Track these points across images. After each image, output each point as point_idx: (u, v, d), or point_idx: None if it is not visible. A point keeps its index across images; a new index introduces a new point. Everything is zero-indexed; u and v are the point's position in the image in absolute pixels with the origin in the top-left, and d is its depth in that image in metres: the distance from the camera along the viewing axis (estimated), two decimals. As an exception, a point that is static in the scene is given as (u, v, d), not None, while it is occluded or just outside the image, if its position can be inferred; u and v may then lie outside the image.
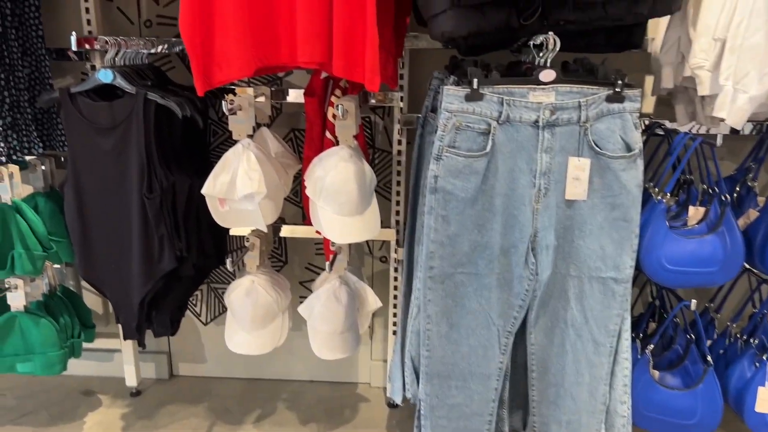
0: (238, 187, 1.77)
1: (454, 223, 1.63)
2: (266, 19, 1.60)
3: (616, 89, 1.59)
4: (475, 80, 1.55)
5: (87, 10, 2.08)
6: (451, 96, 1.57)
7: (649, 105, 2.26)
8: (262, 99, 2.05)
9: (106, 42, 1.75)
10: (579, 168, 1.62)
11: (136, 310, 1.93)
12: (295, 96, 2.12)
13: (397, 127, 2.18)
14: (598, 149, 1.60)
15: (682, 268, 1.76)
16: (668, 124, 2.04)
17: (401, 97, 2.15)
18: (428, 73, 2.10)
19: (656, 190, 1.83)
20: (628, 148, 1.61)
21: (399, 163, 2.22)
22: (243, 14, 1.57)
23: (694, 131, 2.07)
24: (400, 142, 2.20)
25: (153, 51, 2.03)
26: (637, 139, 1.61)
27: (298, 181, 2.30)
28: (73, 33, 1.65)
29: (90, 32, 2.10)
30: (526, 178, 1.62)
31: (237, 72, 1.59)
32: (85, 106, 1.80)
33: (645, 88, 2.23)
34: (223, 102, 1.74)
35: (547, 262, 1.66)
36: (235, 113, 1.81)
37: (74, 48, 1.66)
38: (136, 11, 2.23)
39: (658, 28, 1.92)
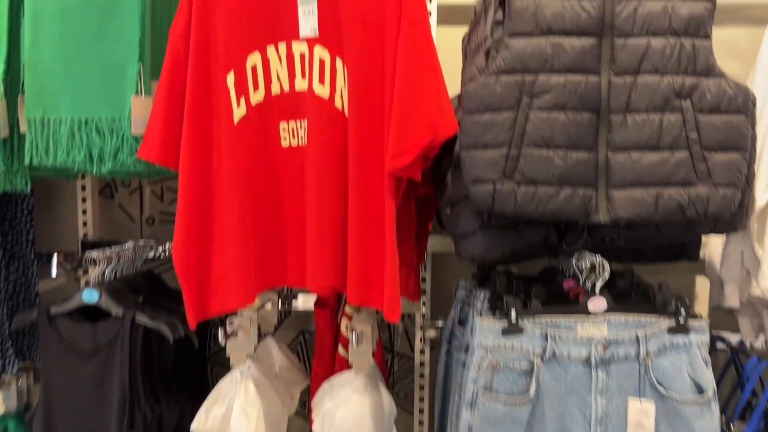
0: (233, 427, 1.50)
1: (495, 486, 1.33)
2: (272, 240, 1.43)
3: (679, 319, 1.35)
4: (513, 311, 1.33)
5: (84, 211, 1.95)
6: (486, 330, 1.34)
7: (701, 307, 2.01)
8: (268, 306, 1.84)
9: (94, 260, 1.58)
10: (641, 412, 1.35)
11: None
12: (306, 302, 1.92)
13: (419, 335, 1.94)
14: (664, 390, 1.33)
15: None
16: (730, 337, 1.78)
17: (423, 302, 1.93)
18: (452, 276, 1.89)
19: (732, 427, 1.54)
20: (699, 389, 1.34)
21: (422, 375, 1.95)
22: (246, 236, 1.40)
23: (761, 343, 1.81)
24: (423, 352, 1.95)
25: (151, 255, 1.87)
26: (709, 378, 1.35)
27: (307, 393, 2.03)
28: (55, 256, 1.48)
29: (86, 234, 1.96)
30: (580, 427, 1.34)
31: (236, 301, 1.39)
32: (66, 327, 1.60)
33: (697, 290, 2.01)
34: (219, 330, 1.52)
35: None
36: (235, 334, 1.59)
37: (53, 275, 1.49)
38: (138, 208, 2.10)
39: (710, 232, 1.72)
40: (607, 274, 1.36)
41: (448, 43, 1.72)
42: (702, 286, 1.99)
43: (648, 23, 1.26)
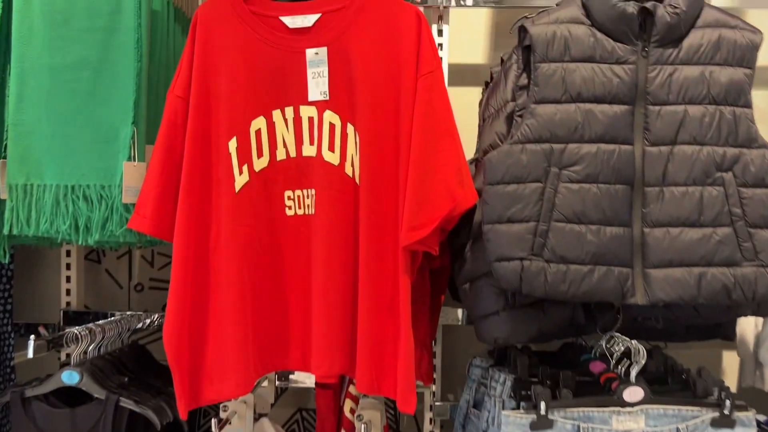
0: None
1: None
2: (273, 319, 1.31)
3: (724, 411, 1.22)
4: (543, 404, 1.19)
5: (68, 278, 1.81)
6: (512, 424, 1.20)
7: (729, 384, 1.88)
8: (265, 383, 1.70)
9: (76, 337, 1.44)
10: None
11: None
12: (304, 378, 1.77)
13: (428, 415, 1.79)
14: (709, 492, 1.20)
15: None
16: (760, 418, 1.65)
17: (433, 379, 1.79)
18: (463, 350, 1.77)
19: None
20: (749, 490, 1.21)
21: (431, 461, 1.79)
22: (245, 315, 1.27)
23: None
24: (431, 435, 1.80)
25: (139, 326, 1.72)
26: (759, 478, 1.22)
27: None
28: (32, 338, 1.34)
29: (69, 303, 1.82)
30: None
31: (232, 389, 1.26)
32: (42, 413, 1.44)
33: (724, 366, 1.88)
34: (212, 421, 1.37)
35: None
36: (229, 421, 1.44)
37: (30, 355, 1.34)
38: (126, 274, 1.97)
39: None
40: (643, 360, 1.24)
41: (457, 105, 1.64)
42: (729, 361, 1.87)
43: (685, 90, 1.17)
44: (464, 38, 1.88)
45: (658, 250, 1.17)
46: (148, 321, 1.76)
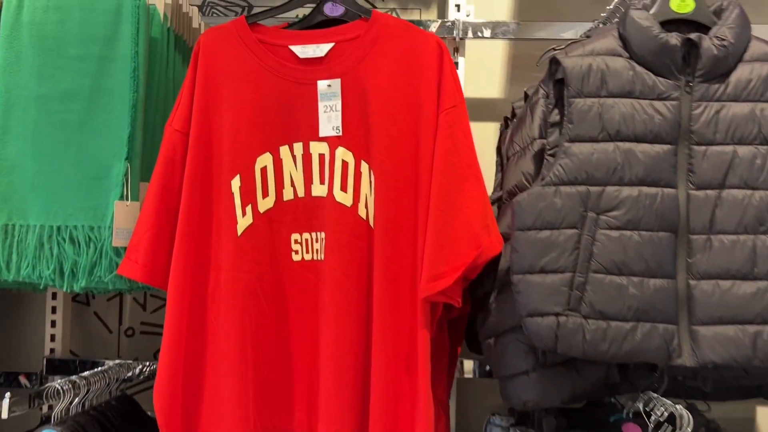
0: None
1: None
2: (276, 376, 1.19)
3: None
4: (580, 480, 1.06)
5: (53, 322, 1.69)
6: (545, 500, 1.07)
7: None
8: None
9: (59, 391, 1.31)
10: None
11: None
12: (306, 433, 1.63)
13: (442, 477, 1.65)
14: None
15: None
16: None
17: (446, 435, 1.66)
18: (480, 406, 1.65)
19: None
20: None
21: None
22: (245, 372, 1.16)
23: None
24: (445, 496, 1.65)
25: (128, 375, 1.59)
26: None
27: None
28: (6, 396, 1.21)
29: (53, 350, 1.69)
30: None
31: (230, 457, 1.12)
32: (17, 477, 1.30)
33: (758, 423, 1.76)
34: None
35: None
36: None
37: (5, 416, 1.21)
38: (116, 317, 1.84)
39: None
40: (689, 429, 1.11)
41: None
42: (763, 417, 1.75)
43: (733, 129, 1.07)
44: (480, 71, 1.80)
45: (706, 305, 1.05)
46: (138, 369, 1.63)
